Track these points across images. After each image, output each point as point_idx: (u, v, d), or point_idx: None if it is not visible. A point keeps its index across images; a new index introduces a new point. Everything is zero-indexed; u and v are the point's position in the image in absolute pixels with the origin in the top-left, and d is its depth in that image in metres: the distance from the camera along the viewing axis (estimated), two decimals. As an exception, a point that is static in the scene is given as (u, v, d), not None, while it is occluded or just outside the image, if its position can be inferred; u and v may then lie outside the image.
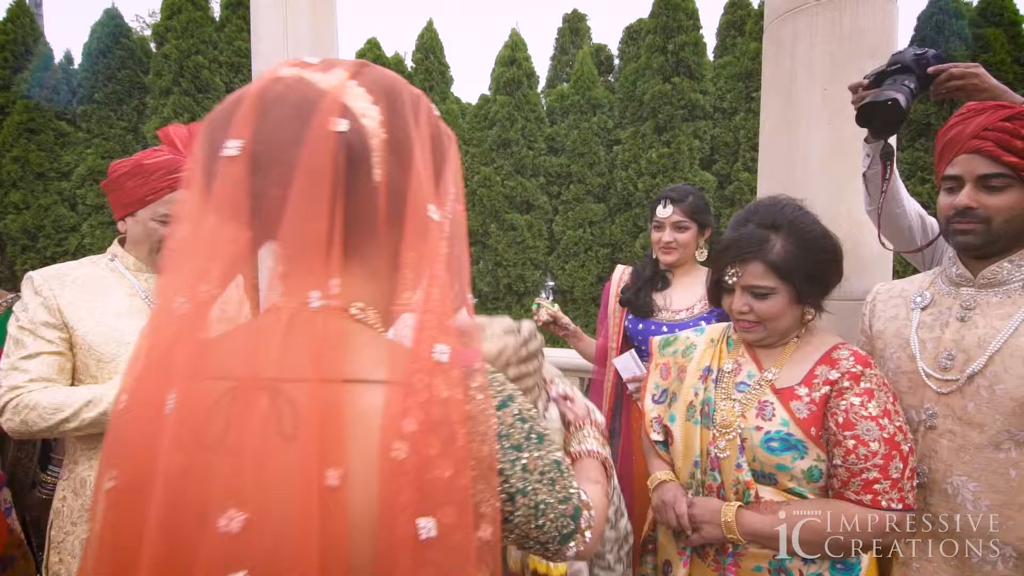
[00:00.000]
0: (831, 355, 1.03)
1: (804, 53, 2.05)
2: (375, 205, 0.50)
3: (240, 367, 0.47)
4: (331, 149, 0.45)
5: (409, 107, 0.52)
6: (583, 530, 0.61)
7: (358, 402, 0.46)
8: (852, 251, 1.94)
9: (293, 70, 0.50)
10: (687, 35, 6.19)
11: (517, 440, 0.54)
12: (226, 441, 0.44)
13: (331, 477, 0.43)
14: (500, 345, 0.92)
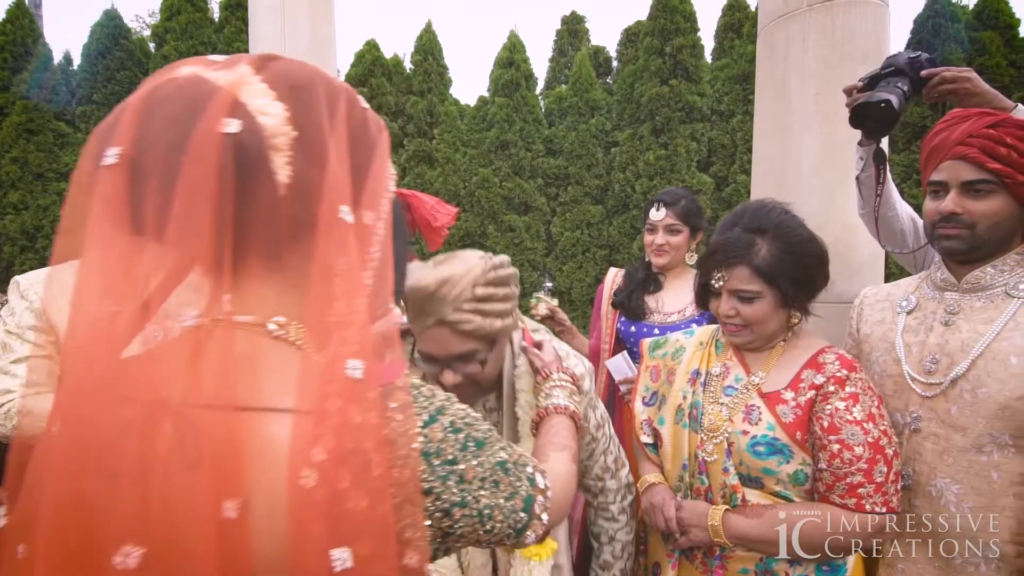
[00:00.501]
0: (817, 359, 1.04)
1: (797, 57, 2.06)
2: (284, 210, 0.46)
3: (148, 391, 0.42)
4: (216, 153, 0.42)
5: (323, 101, 0.48)
6: (538, 515, 0.60)
7: (263, 430, 0.43)
8: (844, 254, 1.96)
9: (192, 68, 0.46)
10: (685, 37, 6.21)
11: (451, 454, 0.51)
12: (129, 470, 0.40)
13: (228, 509, 0.40)
14: (468, 265, 0.93)
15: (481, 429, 0.56)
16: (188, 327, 0.44)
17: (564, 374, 0.97)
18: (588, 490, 1.21)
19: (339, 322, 0.44)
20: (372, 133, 0.53)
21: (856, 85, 1.33)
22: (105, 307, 0.42)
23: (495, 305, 0.93)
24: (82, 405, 0.42)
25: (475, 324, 0.91)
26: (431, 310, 0.91)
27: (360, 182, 0.49)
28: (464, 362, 0.96)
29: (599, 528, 1.20)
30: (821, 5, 1.97)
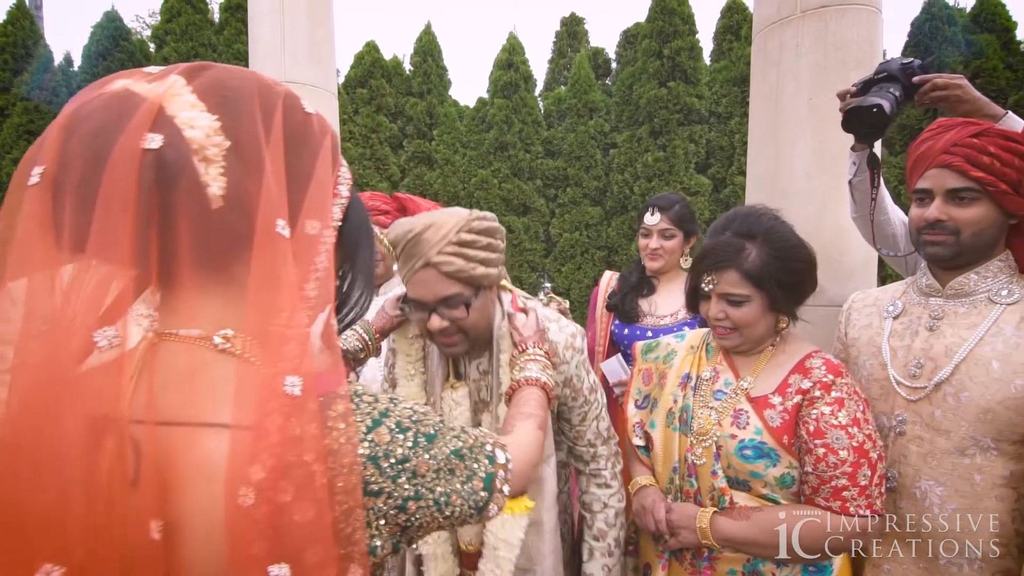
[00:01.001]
0: (804, 364, 1.06)
1: (790, 63, 2.09)
2: (220, 222, 0.45)
3: (94, 405, 0.42)
4: (135, 169, 0.41)
5: (257, 109, 0.47)
6: (499, 490, 0.62)
7: (201, 446, 0.43)
8: (836, 259, 1.99)
9: (124, 81, 0.46)
10: (683, 40, 6.23)
11: (401, 453, 0.52)
12: (73, 486, 0.40)
13: (153, 530, 0.40)
14: (453, 213, 1.01)
15: (430, 423, 0.57)
16: (135, 341, 0.44)
17: (540, 349, 0.99)
18: (580, 458, 1.23)
19: (280, 335, 0.44)
20: (315, 138, 0.52)
21: (849, 90, 1.35)
22: (36, 324, 0.41)
23: (477, 251, 0.99)
24: (28, 418, 0.40)
25: (457, 266, 0.97)
26: (418, 252, 0.98)
27: (301, 190, 0.49)
28: (449, 307, 1.00)
29: (591, 496, 1.21)
30: (814, 12, 1.99)
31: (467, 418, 1.14)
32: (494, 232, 1.04)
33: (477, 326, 1.05)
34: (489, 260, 1.02)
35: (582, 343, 1.18)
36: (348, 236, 0.57)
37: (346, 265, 0.59)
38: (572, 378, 1.15)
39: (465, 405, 1.15)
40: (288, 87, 0.52)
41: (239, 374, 0.45)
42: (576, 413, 1.19)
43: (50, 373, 0.41)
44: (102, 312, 0.43)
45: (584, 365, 1.18)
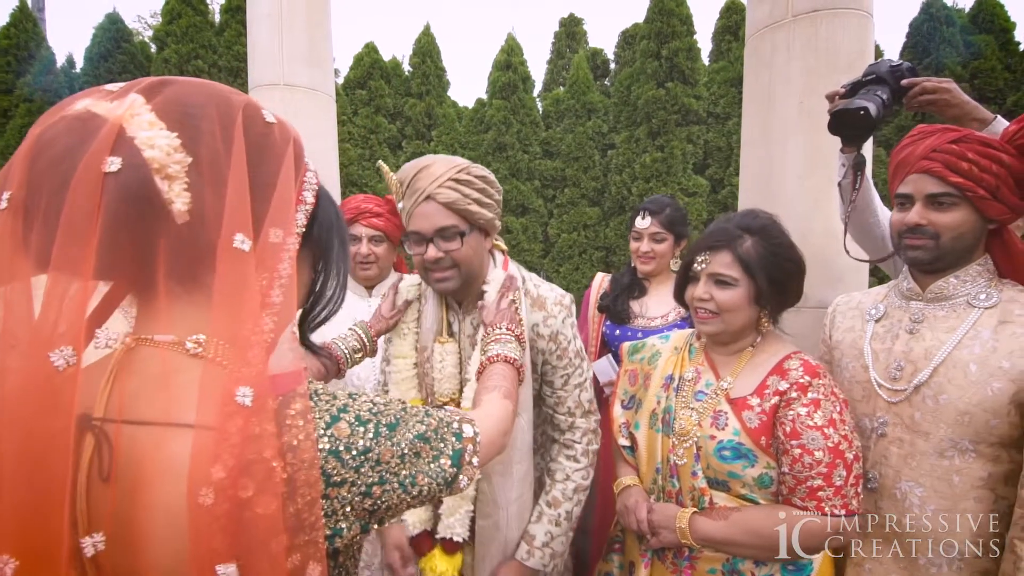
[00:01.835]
0: (782, 365, 1.08)
1: (782, 67, 2.10)
2: (187, 235, 0.47)
3: (76, 405, 0.44)
4: (96, 192, 0.43)
5: (216, 123, 0.48)
6: (468, 462, 0.65)
7: (168, 445, 0.45)
8: (827, 261, 2.00)
9: (85, 101, 0.47)
10: (681, 41, 6.23)
11: (363, 445, 0.54)
12: (54, 483, 0.42)
13: (87, 545, 0.43)
14: (452, 157, 1.13)
15: (391, 413, 0.59)
16: (113, 346, 0.47)
17: (504, 331, 1.03)
18: (557, 426, 1.26)
19: (246, 340, 0.46)
20: (276, 148, 0.53)
21: (838, 92, 1.36)
22: (15, 329, 0.43)
23: (472, 191, 1.10)
24: (7, 418, 0.43)
25: (453, 197, 1.08)
26: (420, 187, 1.09)
27: (265, 200, 0.50)
28: (445, 239, 1.10)
29: (557, 465, 1.24)
30: (805, 16, 2.00)
31: (454, 371, 1.21)
32: (490, 181, 1.15)
33: (470, 262, 1.13)
34: (483, 202, 1.12)
35: (571, 305, 1.25)
36: (319, 237, 0.59)
37: (319, 264, 0.61)
38: (558, 333, 1.20)
39: (452, 359, 1.21)
40: (249, 97, 0.53)
41: (206, 377, 0.47)
42: (559, 374, 1.23)
43: (30, 375, 0.42)
44: (86, 318, 0.45)
45: (572, 327, 1.24)
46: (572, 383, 1.24)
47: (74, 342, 0.43)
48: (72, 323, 0.43)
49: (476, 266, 1.16)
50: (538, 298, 1.23)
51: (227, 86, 0.53)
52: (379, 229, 1.77)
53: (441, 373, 1.21)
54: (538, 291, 1.24)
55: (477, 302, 1.18)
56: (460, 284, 1.15)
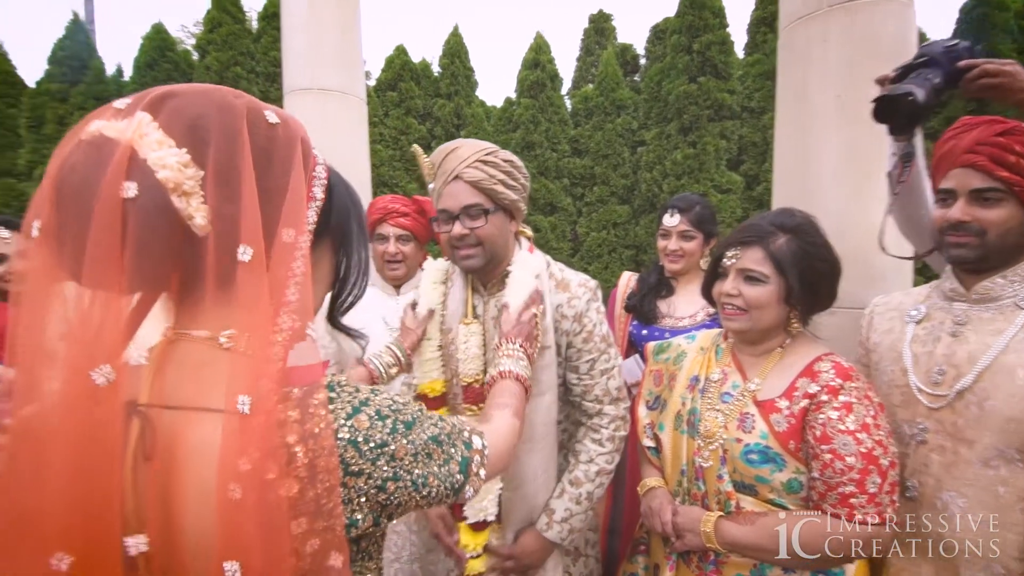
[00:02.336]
0: (812, 367, 1.04)
1: (817, 58, 2.03)
2: (210, 244, 0.49)
3: (124, 393, 0.48)
4: (117, 220, 0.45)
5: (223, 133, 0.50)
6: (475, 473, 0.67)
7: (200, 428, 0.49)
8: (866, 259, 1.92)
9: (97, 123, 0.49)
10: (713, 34, 6.08)
11: (380, 437, 0.56)
12: (102, 464, 0.46)
13: (133, 545, 0.46)
14: (481, 141, 1.19)
15: (409, 412, 0.61)
16: (154, 342, 0.51)
17: (517, 344, 1.04)
18: (585, 412, 1.28)
19: (267, 337, 0.49)
20: (282, 148, 0.54)
21: (887, 76, 1.27)
22: (65, 332, 0.47)
23: (497, 172, 1.15)
24: (62, 408, 0.47)
25: (479, 176, 1.14)
26: (449, 167, 1.15)
27: (277, 202, 0.52)
28: (470, 216, 1.15)
29: (582, 446, 1.27)
30: (841, 6, 1.93)
31: (478, 352, 1.24)
32: (517, 166, 1.20)
33: (494, 241, 1.18)
34: (508, 183, 1.17)
35: (596, 290, 1.27)
36: (337, 225, 0.62)
37: (340, 253, 0.64)
38: (582, 315, 1.22)
39: (476, 340, 1.25)
40: (250, 99, 0.54)
41: (235, 367, 0.50)
42: (585, 359, 1.24)
43: (74, 391, 0.46)
44: (126, 318, 0.50)
45: (599, 312, 1.26)
46: (598, 368, 1.25)
47: (112, 360, 0.46)
48: (109, 341, 0.47)
49: (500, 245, 1.20)
50: (562, 280, 1.26)
51: (230, 89, 0.54)
52: (406, 228, 1.80)
53: (465, 354, 1.24)
54: (563, 274, 1.27)
55: (501, 284, 1.22)
56: (484, 262, 1.19)
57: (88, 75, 6.29)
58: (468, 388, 1.23)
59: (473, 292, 1.30)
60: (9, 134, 6.14)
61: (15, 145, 6.14)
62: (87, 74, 6.29)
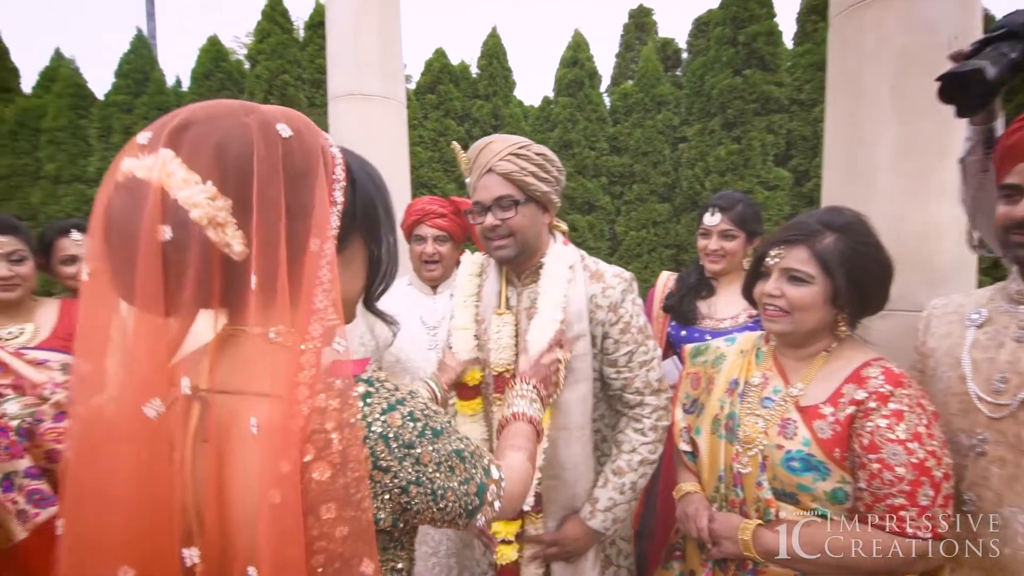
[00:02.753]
0: (860, 373, 1.00)
1: (871, 48, 1.93)
2: (250, 266, 0.52)
3: (186, 379, 0.54)
4: (157, 260, 0.49)
5: (241, 159, 0.52)
6: (490, 503, 0.68)
7: (250, 409, 0.53)
8: (926, 259, 1.82)
9: (128, 165, 0.52)
10: (760, 25, 5.86)
11: (408, 438, 0.59)
12: (163, 447, 0.52)
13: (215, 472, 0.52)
14: (515, 135, 1.23)
15: (439, 422, 0.63)
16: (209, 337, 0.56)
17: (531, 388, 1.05)
18: (626, 404, 1.29)
19: (305, 335, 0.53)
20: (301, 160, 0.55)
21: (962, 51, 1.18)
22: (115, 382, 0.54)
23: (528, 164, 1.18)
24: (129, 399, 0.52)
25: (510, 168, 1.17)
26: (482, 161, 1.20)
27: (304, 213, 0.55)
28: (502, 207, 1.19)
29: (624, 436, 1.28)
30: (897, -10, 1.82)
31: (510, 342, 1.27)
32: (549, 159, 1.23)
33: (525, 231, 1.21)
34: (539, 175, 1.19)
35: (632, 281, 1.29)
36: (363, 219, 0.64)
37: (371, 244, 0.67)
38: (617, 304, 1.23)
39: (509, 330, 1.27)
40: (263, 115, 0.56)
41: (283, 359, 0.54)
42: (623, 350, 1.24)
43: (129, 420, 0.52)
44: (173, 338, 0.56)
45: (635, 303, 1.26)
46: (637, 360, 1.25)
47: (161, 393, 0.52)
48: (158, 373, 0.53)
49: (532, 236, 1.23)
50: (597, 271, 1.27)
51: (240, 106, 0.56)
52: (443, 229, 1.83)
53: (498, 343, 1.26)
54: (597, 266, 1.29)
55: (535, 275, 1.26)
56: (516, 252, 1.22)
57: (150, 87, 6.69)
58: (499, 377, 1.26)
59: (507, 284, 1.33)
60: (81, 143, 6.61)
61: (86, 153, 6.61)
62: (149, 86, 6.70)
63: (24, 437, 1.42)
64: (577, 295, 1.22)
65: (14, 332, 1.59)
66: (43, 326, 1.64)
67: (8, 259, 1.56)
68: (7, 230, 1.58)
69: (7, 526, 1.38)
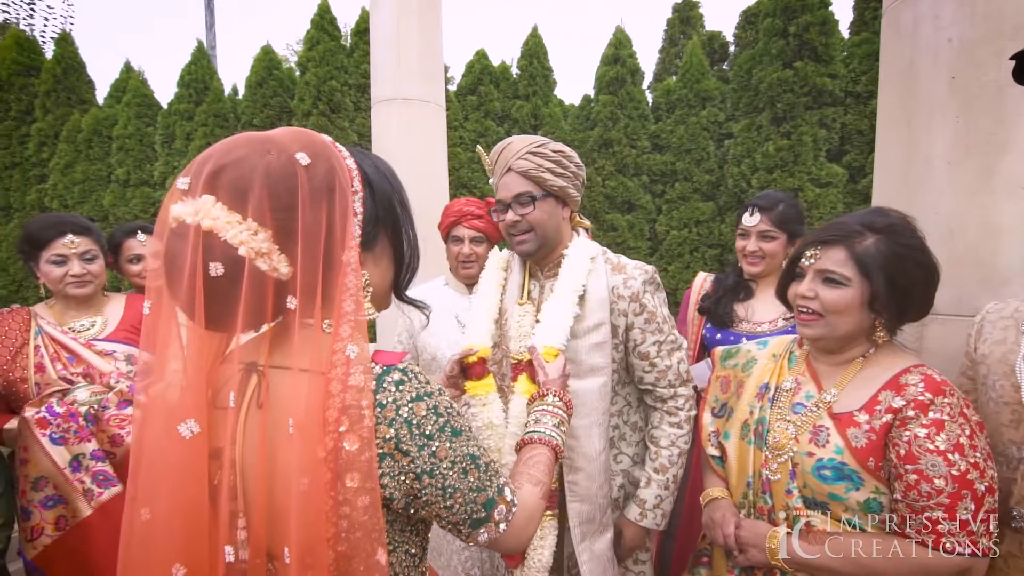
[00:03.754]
0: (899, 380, 0.95)
1: (927, 38, 1.83)
2: (296, 280, 0.60)
3: (246, 358, 0.64)
4: (212, 298, 0.57)
5: (275, 192, 0.59)
6: (496, 521, 0.69)
7: (295, 381, 0.60)
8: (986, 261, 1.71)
9: (176, 211, 0.58)
10: (812, 14, 5.60)
11: (429, 430, 0.63)
12: (225, 411, 0.60)
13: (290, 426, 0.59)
14: (533, 135, 1.27)
15: (460, 423, 0.67)
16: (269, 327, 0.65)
17: (559, 400, 1.00)
18: (660, 398, 1.32)
19: (338, 336, 0.60)
20: (322, 183, 0.61)
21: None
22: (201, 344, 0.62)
23: (545, 161, 1.23)
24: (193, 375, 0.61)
25: (527, 166, 1.22)
26: (503, 160, 1.25)
27: (331, 228, 0.61)
28: (521, 204, 1.24)
29: (661, 432, 1.31)
30: (956, -24, 1.71)
31: (529, 331, 1.29)
32: (567, 155, 1.27)
33: (544, 225, 1.26)
34: (556, 171, 1.24)
35: (654, 275, 1.32)
36: (385, 219, 0.70)
37: (395, 240, 0.72)
38: (639, 294, 1.26)
39: (528, 320, 1.31)
40: (283, 144, 0.62)
41: (327, 345, 0.61)
42: (651, 340, 1.28)
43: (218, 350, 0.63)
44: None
45: (656, 295, 1.30)
46: (666, 349, 1.28)
47: (198, 415, 0.60)
48: (200, 393, 0.61)
49: (551, 229, 1.28)
50: (618, 264, 1.31)
51: (262, 141, 0.62)
52: (480, 230, 1.86)
53: (517, 332, 1.30)
54: (619, 260, 1.33)
55: (557, 268, 1.30)
56: (537, 246, 1.27)
57: (209, 95, 7.09)
58: (517, 365, 1.28)
59: (530, 277, 1.38)
60: (147, 149, 7.10)
61: (152, 159, 7.09)
62: (208, 94, 7.10)
63: (91, 422, 1.55)
64: (598, 285, 1.26)
65: (86, 324, 1.74)
66: (111, 319, 1.78)
67: (81, 258, 1.71)
68: (81, 231, 1.73)
69: (74, 504, 1.51)
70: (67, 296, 1.71)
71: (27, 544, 1.52)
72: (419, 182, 3.30)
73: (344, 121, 6.71)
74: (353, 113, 6.80)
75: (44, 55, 7.45)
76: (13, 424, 1.54)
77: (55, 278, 1.67)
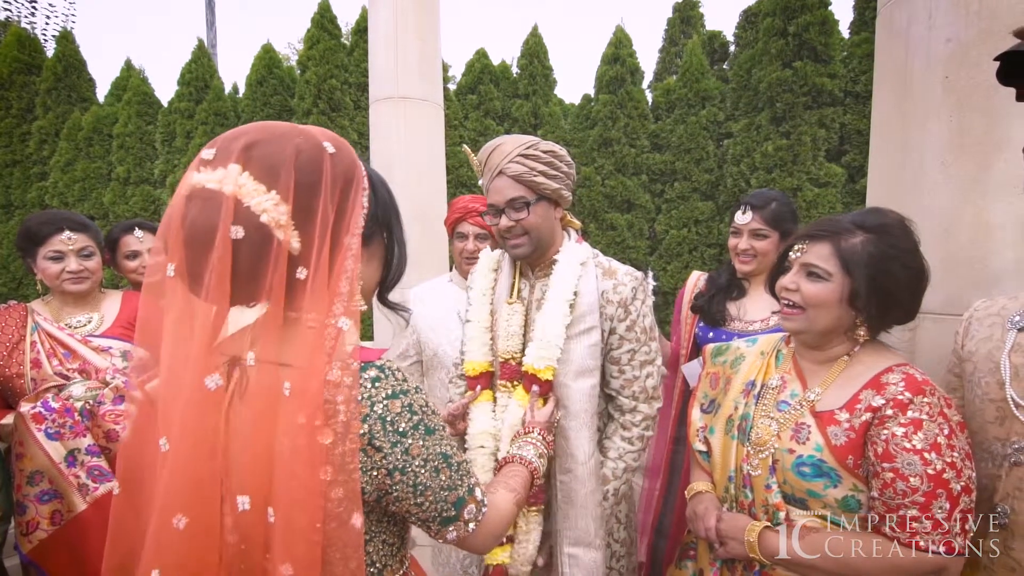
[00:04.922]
0: (880, 379, 0.96)
1: (921, 37, 1.83)
2: (300, 259, 0.61)
3: (232, 351, 0.64)
4: (228, 254, 0.58)
5: (298, 172, 0.61)
6: (466, 520, 0.71)
7: (280, 374, 0.61)
8: (978, 260, 1.71)
9: (197, 178, 0.61)
10: (811, 14, 5.60)
11: (403, 427, 0.64)
12: (212, 404, 0.61)
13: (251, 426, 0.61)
14: (525, 136, 1.24)
15: (435, 422, 0.68)
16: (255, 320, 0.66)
17: (542, 436, 1.09)
18: (619, 408, 1.30)
19: (324, 322, 0.61)
20: (342, 173, 0.64)
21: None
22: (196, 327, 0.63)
23: (537, 163, 1.21)
24: (180, 368, 0.62)
25: (520, 170, 1.20)
26: (493, 163, 1.23)
27: (341, 216, 0.63)
28: (514, 208, 1.22)
29: (611, 443, 1.29)
30: (949, -24, 1.71)
31: (518, 330, 1.30)
32: (558, 155, 1.25)
33: (538, 229, 1.25)
34: (549, 174, 1.22)
35: (645, 282, 1.31)
36: (383, 221, 0.72)
37: (388, 242, 0.75)
38: (627, 302, 1.25)
39: (518, 319, 1.31)
40: (311, 135, 0.65)
41: (310, 340, 0.62)
42: (626, 348, 1.26)
43: (193, 392, 0.62)
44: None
45: (645, 303, 1.29)
46: (638, 360, 1.26)
47: (216, 370, 0.62)
48: (212, 353, 0.63)
49: (546, 232, 1.27)
50: (609, 268, 1.30)
51: (291, 129, 0.65)
52: (484, 227, 1.87)
53: (506, 331, 1.30)
54: (610, 264, 1.32)
55: (549, 269, 1.30)
56: (532, 249, 1.26)
57: (209, 94, 7.11)
58: (505, 364, 1.28)
59: (521, 276, 1.37)
60: (147, 147, 7.12)
61: (152, 157, 7.11)
62: (209, 93, 7.12)
63: (86, 418, 1.56)
64: (589, 289, 1.25)
65: (82, 321, 1.76)
66: (107, 316, 1.79)
67: (79, 255, 1.72)
68: (78, 228, 1.74)
69: (69, 498, 1.53)
70: (64, 292, 1.72)
71: (23, 538, 1.53)
72: (417, 180, 3.31)
73: (344, 120, 6.71)
74: (353, 112, 6.80)
75: (45, 53, 7.47)
76: (9, 419, 1.55)
77: (52, 274, 1.69)
